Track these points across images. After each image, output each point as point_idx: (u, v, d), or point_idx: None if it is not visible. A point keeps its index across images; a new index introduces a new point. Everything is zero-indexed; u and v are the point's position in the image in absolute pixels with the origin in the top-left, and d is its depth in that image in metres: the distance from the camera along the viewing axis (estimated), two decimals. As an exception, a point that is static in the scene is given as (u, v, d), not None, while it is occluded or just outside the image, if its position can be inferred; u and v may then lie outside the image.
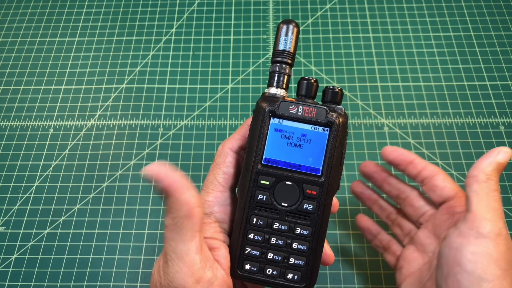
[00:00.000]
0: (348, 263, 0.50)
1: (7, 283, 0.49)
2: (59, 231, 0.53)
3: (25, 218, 0.53)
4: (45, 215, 0.54)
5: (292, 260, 0.34)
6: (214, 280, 0.31)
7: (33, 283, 0.49)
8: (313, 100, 0.35)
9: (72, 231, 0.52)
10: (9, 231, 0.53)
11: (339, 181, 0.34)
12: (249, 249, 0.34)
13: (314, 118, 0.33)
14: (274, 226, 0.34)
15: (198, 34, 0.68)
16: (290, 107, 0.33)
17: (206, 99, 0.62)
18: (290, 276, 0.34)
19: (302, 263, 0.34)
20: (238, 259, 0.34)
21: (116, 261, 0.51)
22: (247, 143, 0.34)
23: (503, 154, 0.35)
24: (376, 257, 0.50)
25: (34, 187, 0.56)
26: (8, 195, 0.55)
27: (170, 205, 0.30)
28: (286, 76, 0.35)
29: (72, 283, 0.49)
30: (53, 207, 0.54)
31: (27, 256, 0.51)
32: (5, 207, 0.54)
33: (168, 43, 0.67)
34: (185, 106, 0.61)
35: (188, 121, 0.60)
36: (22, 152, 0.58)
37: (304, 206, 0.33)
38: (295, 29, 0.35)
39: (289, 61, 0.35)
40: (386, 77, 0.63)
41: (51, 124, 0.60)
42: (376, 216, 0.50)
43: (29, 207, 0.54)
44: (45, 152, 0.58)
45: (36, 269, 0.50)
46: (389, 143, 0.57)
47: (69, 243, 0.52)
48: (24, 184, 0.56)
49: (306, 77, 0.35)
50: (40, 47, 0.68)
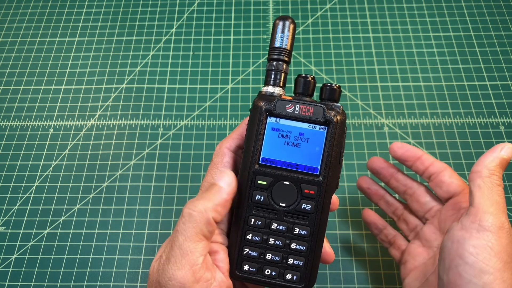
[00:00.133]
0: (348, 263, 0.50)
1: (7, 283, 0.49)
2: (59, 231, 0.53)
3: (25, 218, 0.53)
4: (45, 215, 0.54)
5: (290, 261, 0.34)
6: (213, 281, 0.31)
7: (33, 283, 0.49)
8: (310, 98, 0.34)
9: (72, 231, 0.53)
10: (9, 231, 0.53)
11: (338, 180, 0.34)
12: (248, 250, 0.34)
13: (312, 116, 0.33)
14: (272, 227, 0.34)
15: (198, 34, 0.68)
16: (287, 106, 0.33)
17: (206, 99, 0.62)
18: (289, 276, 0.34)
19: (301, 263, 0.33)
20: (236, 260, 0.34)
21: (116, 261, 0.51)
22: (244, 142, 0.34)
23: (507, 150, 0.35)
24: (376, 257, 0.50)
25: (34, 187, 0.56)
26: (8, 195, 0.55)
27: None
28: (283, 74, 0.35)
29: (72, 283, 0.49)
30: (53, 207, 0.54)
31: (27, 256, 0.51)
32: (5, 207, 0.54)
33: (168, 43, 0.67)
34: (185, 106, 0.61)
35: (188, 121, 0.60)
36: (22, 152, 0.58)
37: (302, 206, 0.33)
38: (292, 26, 0.34)
39: (286, 59, 0.34)
40: (386, 77, 0.62)
41: (51, 124, 0.60)
42: (381, 213, 0.50)
43: (29, 207, 0.54)
44: (45, 152, 0.58)
45: (36, 269, 0.50)
46: (389, 143, 0.57)
47: (69, 243, 0.52)
48: (24, 184, 0.56)
49: (303, 75, 0.34)
50: (40, 47, 0.68)
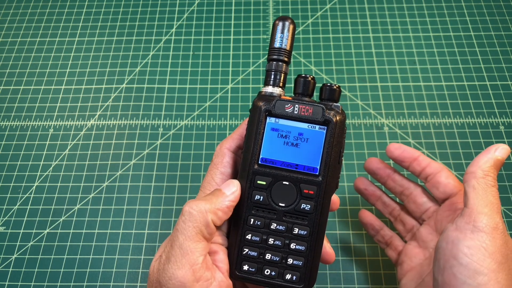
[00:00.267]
0: (348, 263, 0.50)
1: (7, 283, 0.49)
2: (59, 231, 0.53)
3: (25, 218, 0.53)
4: (45, 215, 0.54)
5: (290, 261, 0.34)
6: (213, 281, 0.31)
7: (33, 283, 0.49)
8: (310, 98, 0.34)
9: (72, 231, 0.53)
10: (9, 231, 0.53)
11: (338, 180, 0.34)
12: (247, 250, 0.34)
13: (311, 116, 0.33)
14: (271, 227, 0.34)
15: (198, 34, 0.68)
16: (286, 106, 0.33)
17: (206, 99, 0.62)
18: (288, 276, 0.34)
19: (300, 263, 0.33)
20: (236, 260, 0.34)
21: (116, 261, 0.51)
22: (243, 143, 0.34)
23: (501, 151, 0.35)
24: (376, 257, 0.50)
25: (34, 187, 0.56)
26: (8, 195, 0.55)
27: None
28: (282, 74, 0.35)
29: (72, 283, 0.49)
30: (53, 207, 0.54)
31: (27, 256, 0.51)
32: (5, 207, 0.54)
33: (168, 43, 0.67)
34: (185, 106, 0.61)
35: (188, 121, 0.60)
36: (22, 152, 0.58)
37: (302, 206, 0.33)
38: (291, 26, 0.34)
39: (286, 59, 0.34)
40: (386, 77, 0.62)
41: (51, 124, 0.60)
42: (378, 213, 0.50)
43: (29, 207, 0.54)
44: (45, 152, 0.58)
45: (36, 269, 0.50)
46: (389, 143, 0.57)
47: (69, 243, 0.52)
48: (24, 184, 0.56)
49: (303, 75, 0.34)
50: (40, 47, 0.68)
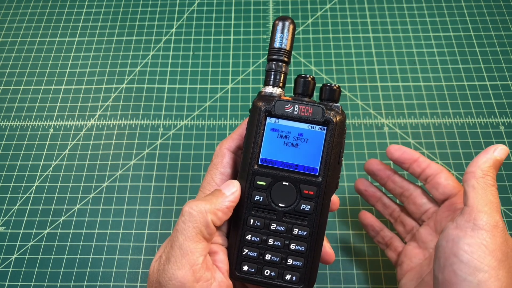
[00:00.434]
0: (348, 263, 0.50)
1: (7, 283, 0.49)
2: (59, 231, 0.53)
3: (25, 218, 0.54)
4: (45, 215, 0.54)
5: (290, 261, 0.33)
6: (213, 281, 0.31)
7: (33, 283, 0.49)
8: (309, 99, 0.34)
9: (72, 231, 0.53)
10: (9, 231, 0.53)
11: (338, 181, 0.34)
12: (247, 250, 0.34)
13: (311, 116, 0.33)
14: (271, 227, 0.34)
15: (198, 34, 0.68)
16: (286, 106, 0.33)
17: (206, 99, 0.62)
18: (288, 277, 0.34)
19: (300, 264, 0.33)
20: (236, 261, 0.34)
21: (116, 261, 0.51)
22: (243, 143, 0.34)
23: (500, 151, 0.36)
24: (376, 257, 0.50)
25: (34, 187, 0.56)
26: (8, 195, 0.55)
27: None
28: (282, 75, 0.35)
29: (72, 283, 0.49)
30: (53, 207, 0.54)
31: (27, 256, 0.51)
32: (5, 207, 0.54)
33: (168, 43, 0.67)
34: (185, 106, 0.61)
35: (188, 121, 0.60)
36: (22, 152, 0.58)
37: (302, 207, 0.33)
38: (291, 26, 0.34)
39: (286, 59, 0.34)
40: (386, 77, 0.62)
41: (51, 124, 0.60)
42: (378, 214, 0.50)
43: (29, 207, 0.54)
44: (45, 152, 0.58)
45: (36, 269, 0.50)
46: (389, 143, 0.57)
47: (69, 243, 0.52)
48: (24, 184, 0.56)
49: (303, 75, 0.34)
50: (40, 47, 0.68)
